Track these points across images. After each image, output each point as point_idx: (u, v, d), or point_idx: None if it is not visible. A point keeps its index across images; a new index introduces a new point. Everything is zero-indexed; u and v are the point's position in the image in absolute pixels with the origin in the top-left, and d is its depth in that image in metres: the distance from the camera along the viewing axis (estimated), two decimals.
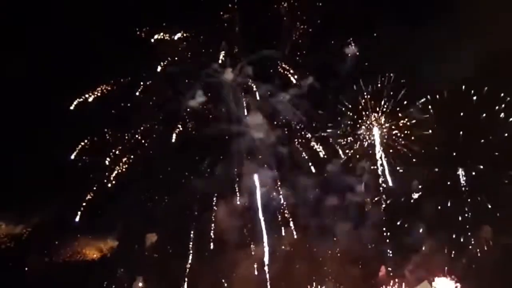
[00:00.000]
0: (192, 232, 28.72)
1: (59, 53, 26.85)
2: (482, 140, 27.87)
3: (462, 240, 27.94)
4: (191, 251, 28.41)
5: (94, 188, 27.99)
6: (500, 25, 25.82)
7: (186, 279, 28.12)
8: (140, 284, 28.50)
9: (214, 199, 29.12)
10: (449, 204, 28.13)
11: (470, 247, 27.97)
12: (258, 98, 30.00)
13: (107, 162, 28.56)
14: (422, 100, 28.49)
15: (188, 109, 29.66)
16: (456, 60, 26.33)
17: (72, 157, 27.82)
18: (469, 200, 28.09)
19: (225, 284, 28.69)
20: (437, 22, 26.98)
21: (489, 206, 27.50)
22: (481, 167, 28.13)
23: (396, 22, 27.66)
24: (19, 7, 27.22)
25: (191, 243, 28.56)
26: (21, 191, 26.03)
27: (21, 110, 26.46)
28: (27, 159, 26.35)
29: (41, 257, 27.45)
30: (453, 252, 27.92)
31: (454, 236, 27.94)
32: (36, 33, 26.69)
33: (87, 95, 28.22)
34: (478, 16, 25.91)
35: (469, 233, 27.92)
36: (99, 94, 28.39)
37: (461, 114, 27.94)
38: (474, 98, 27.63)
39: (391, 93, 28.82)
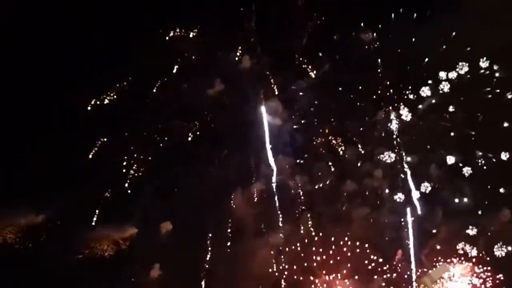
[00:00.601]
0: (209, 220, 28.80)
1: (72, 53, 27.07)
2: (506, 124, 28.03)
3: (480, 224, 28.12)
4: (208, 239, 28.55)
5: (111, 187, 28.28)
6: None
7: (204, 271, 28.22)
8: (157, 272, 28.61)
9: (231, 187, 29.36)
10: (467, 189, 28.38)
11: (489, 233, 28.12)
12: (275, 87, 30.28)
13: (124, 162, 28.79)
14: (440, 86, 28.72)
15: (206, 99, 29.86)
16: (477, 44, 26.43)
17: (90, 156, 28.10)
18: (488, 186, 28.21)
19: (242, 272, 28.75)
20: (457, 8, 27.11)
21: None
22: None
23: (413, 8, 27.92)
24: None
25: (208, 231, 28.71)
26: (38, 188, 26.07)
27: (36, 108, 26.65)
28: (45, 156, 26.43)
29: (55, 253, 27.52)
30: (471, 236, 28.12)
31: (472, 220, 28.11)
32: (49, 33, 26.74)
33: (104, 95, 28.67)
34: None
35: (487, 218, 28.11)
36: (115, 95, 28.82)
37: (481, 98, 28.08)
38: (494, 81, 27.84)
39: (409, 79, 29.08)
